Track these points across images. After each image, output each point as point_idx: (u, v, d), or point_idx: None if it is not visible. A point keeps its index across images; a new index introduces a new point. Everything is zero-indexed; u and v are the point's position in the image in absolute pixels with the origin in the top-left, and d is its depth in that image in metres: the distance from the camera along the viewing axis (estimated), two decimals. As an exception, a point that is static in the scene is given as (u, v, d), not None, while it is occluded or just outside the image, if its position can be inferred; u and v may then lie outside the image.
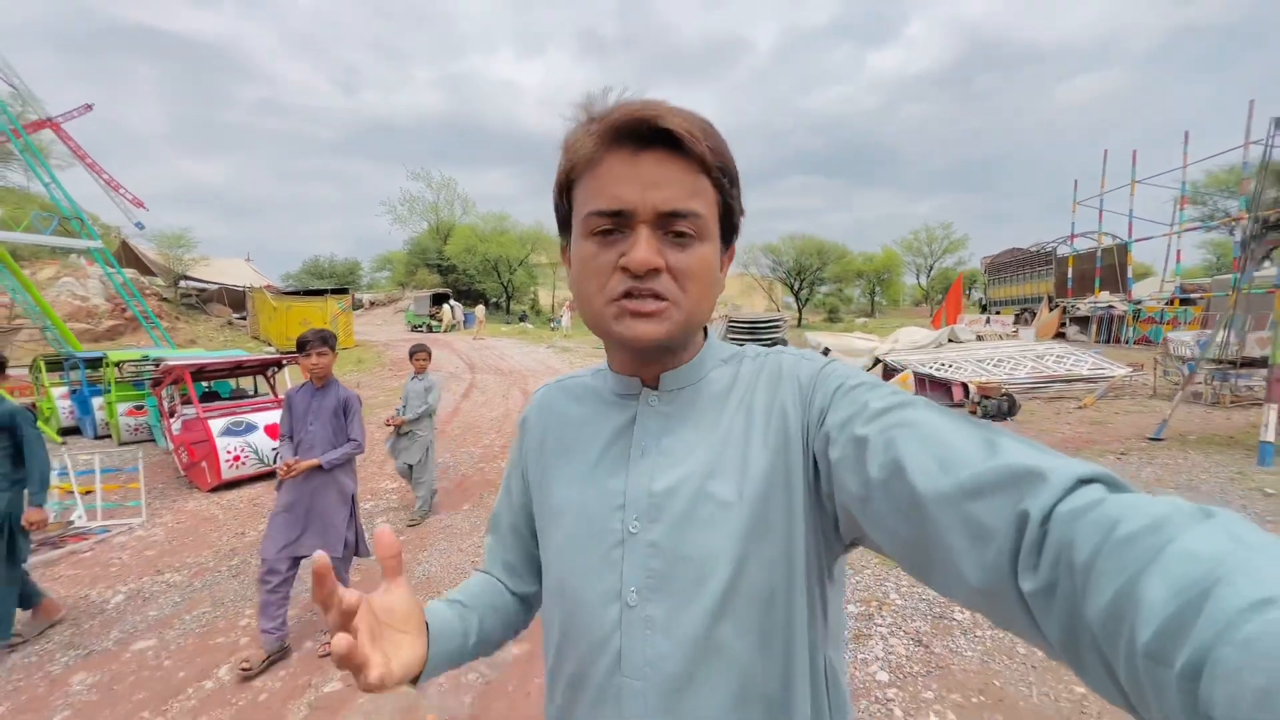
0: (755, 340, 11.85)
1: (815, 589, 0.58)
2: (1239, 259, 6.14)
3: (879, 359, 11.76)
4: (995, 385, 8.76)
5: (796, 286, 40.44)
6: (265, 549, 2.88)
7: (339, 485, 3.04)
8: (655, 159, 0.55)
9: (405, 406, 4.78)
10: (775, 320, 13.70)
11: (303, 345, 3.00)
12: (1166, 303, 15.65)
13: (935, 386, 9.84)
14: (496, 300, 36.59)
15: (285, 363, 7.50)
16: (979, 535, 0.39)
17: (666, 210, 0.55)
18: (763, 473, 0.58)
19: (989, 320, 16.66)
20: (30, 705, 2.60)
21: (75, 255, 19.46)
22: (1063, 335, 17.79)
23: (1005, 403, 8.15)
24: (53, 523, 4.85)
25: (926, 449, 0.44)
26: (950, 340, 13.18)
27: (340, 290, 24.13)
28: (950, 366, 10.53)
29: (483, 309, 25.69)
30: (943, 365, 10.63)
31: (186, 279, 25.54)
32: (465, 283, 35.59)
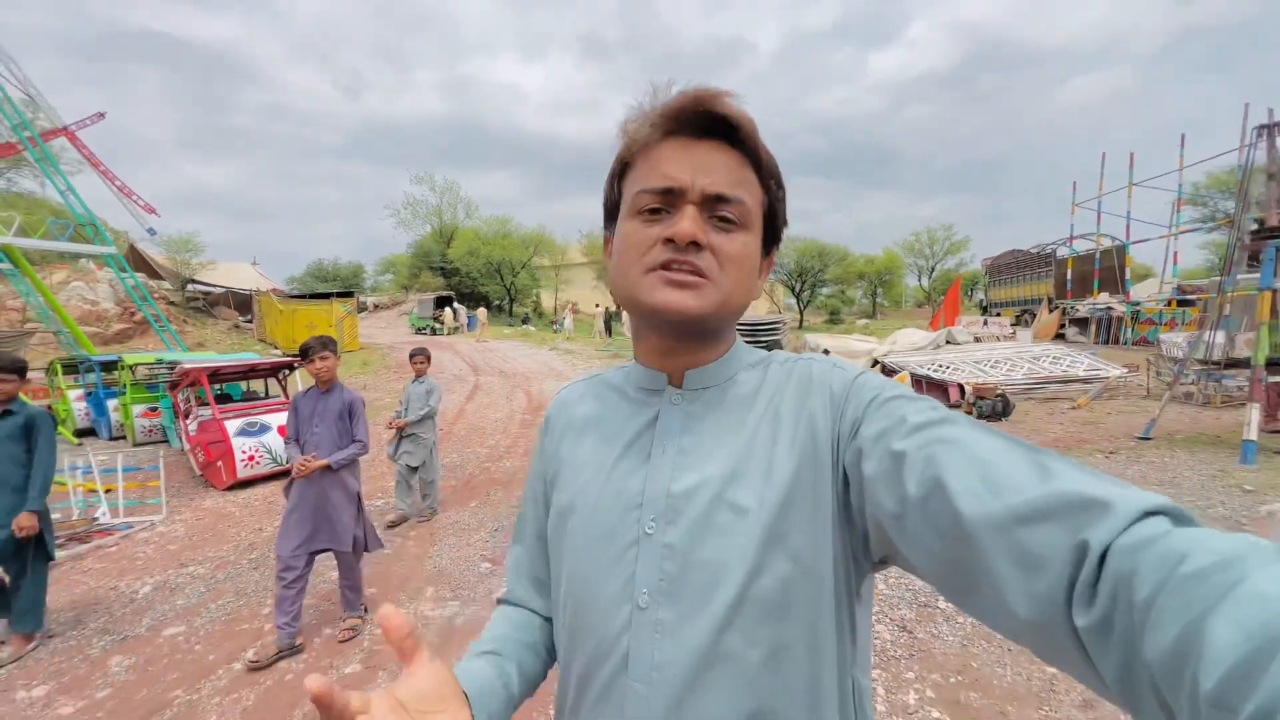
0: (754, 342, 12.05)
1: (843, 607, 0.56)
2: (1224, 262, 6.29)
3: (877, 360, 11.93)
4: (990, 386, 8.93)
5: (798, 288, 40.60)
6: (281, 547, 3.01)
7: (344, 485, 3.16)
8: (710, 147, 0.57)
9: (406, 409, 4.84)
10: (774, 323, 13.84)
11: (305, 351, 3.13)
12: (1164, 304, 15.80)
13: (932, 387, 10.00)
14: (499, 303, 36.83)
15: (297, 365, 7.72)
16: (1030, 564, 0.37)
17: (714, 193, 0.56)
18: (786, 482, 0.56)
19: (986, 322, 16.79)
20: (73, 685, 2.79)
21: (84, 260, 19.75)
22: (1062, 336, 17.92)
23: (999, 403, 8.32)
24: (77, 519, 5.07)
25: (971, 468, 0.43)
26: (948, 342, 13.33)
27: (345, 293, 24.40)
28: (948, 368, 10.68)
29: (484, 311, 25.89)
30: (940, 366, 10.78)
31: (194, 282, 25.84)
32: (468, 285, 35.82)
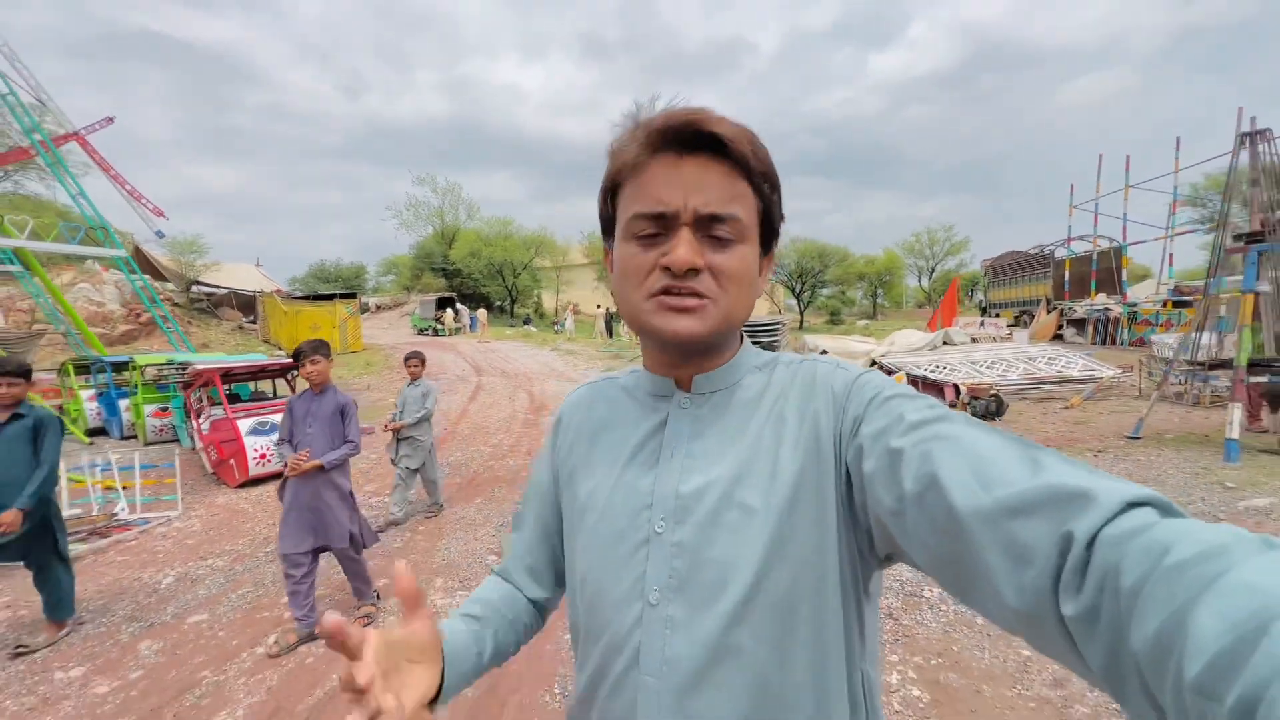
0: (754, 343, 12.20)
1: (850, 603, 0.57)
2: (1210, 265, 6.45)
3: (875, 361, 12.09)
4: (984, 386, 9.10)
5: (798, 289, 40.77)
6: (284, 546, 3.10)
7: (336, 485, 3.22)
8: (698, 163, 0.56)
9: (402, 412, 4.86)
10: (774, 324, 14.00)
11: (298, 355, 3.19)
12: (1161, 305, 15.94)
13: (928, 388, 10.17)
14: (501, 304, 37.04)
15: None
16: (1019, 556, 0.38)
17: (707, 213, 0.56)
18: (792, 481, 0.57)
19: (983, 323, 16.96)
20: (107, 666, 2.97)
21: (90, 262, 19.98)
22: (1060, 337, 18.06)
23: (993, 403, 8.48)
24: (97, 514, 5.24)
25: (965, 464, 0.44)
26: (945, 343, 13.50)
27: (349, 295, 24.61)
28: (944, 368, 10.84)
29: (484, 312, 26.07)
30: (937, 367, 10.94)
31: (198, 284, 26.06)
32: (470, 286, 36.05)
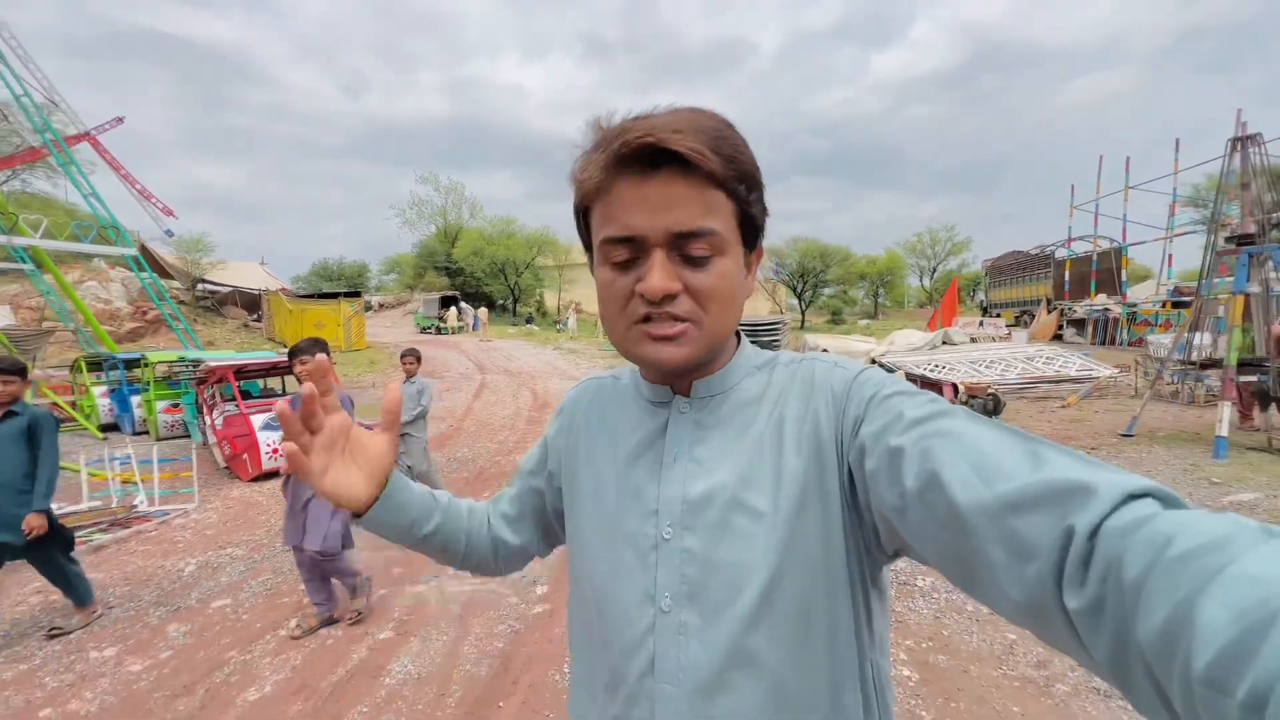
0: (755, 342, 12.33)
1: (859, 598, 0.58)
2: (1203, 267, 6.58)
3: (875, 360, 12.23)
4: (982, 385, 9.23)
5: (799, 289, 40.88)
6: (289, 539, 3.18)
7: None
8: (664, 180, 0.54)
9: None
10: (775, 323, 14.13)
11: (294, 353, 3.22)
12: (1160, 305, 16.05)
13: (927, 387, 10.26)
14: (503, 302, 37.21)
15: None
16: (1021, 551, 0.38)
17: (679, 232, 0.54)
18: (796, 483, 0.57)
19: (982, 323, 17.09)
20: (138, 647, 3.13)
21: (97, 260, 20.17)
22: (1060, 337, 18.18)
23: (990, 402, 8.59)
24: (117, 506, 5.41)
25: (965, 459, 0.44)
26: (944, 342, 13.63)
27: (353, 293, 24.76)
28: (943, 368, 10.97)
29: (485, 311, 26.22)
30: (936, 366, 11.07)
31: (203, 282, 26.26)
32: (472, 285, 36.22)
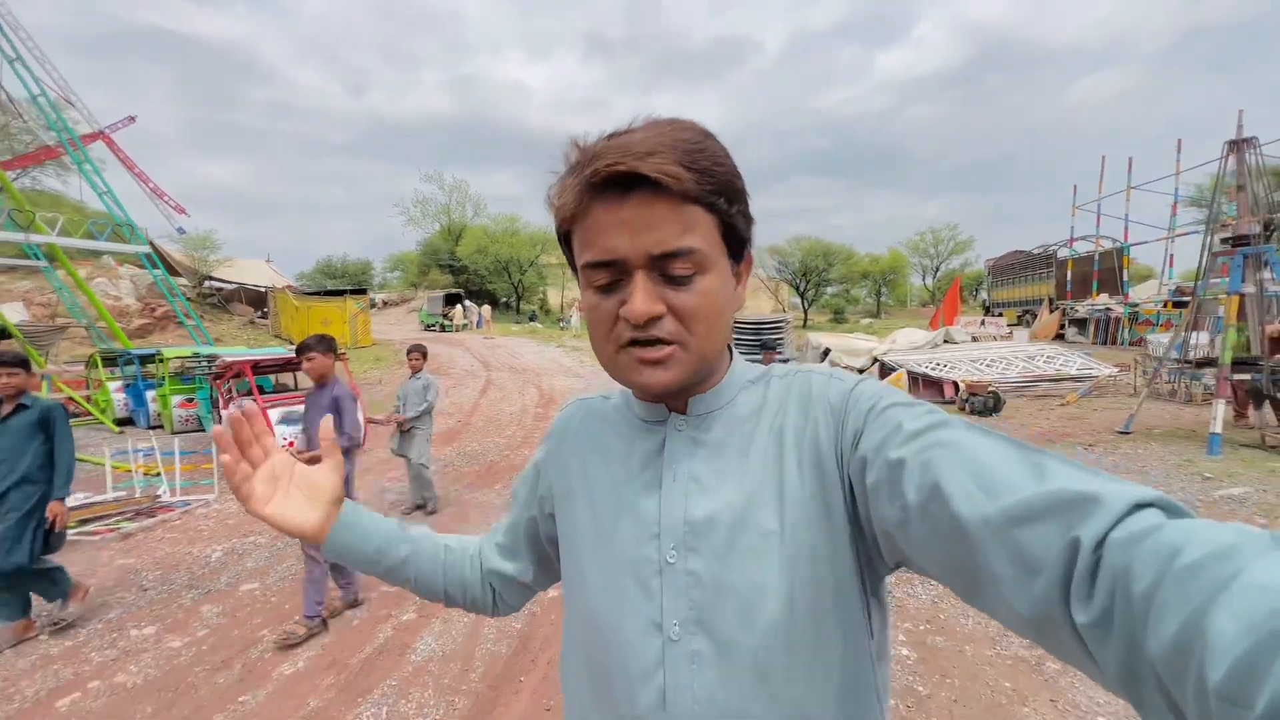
0: (758, 341, 12.48)
1: (864, 612, 0.57)
2: (1198, 268, 6.71)
3: (877, 359, 12.36)
4: (983, 383, 9.37)
5: (802, 287, 41.01)
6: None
7: None
8: (639, 202, 0.53)
9: (404, 405, 4.95)
10: (779, 321, 14.23)
11: (300, 350, 3.33)
12: (1161, 305, 16.15)
13: (928, 384, 10.43)
14: (506, 300, 37.41)
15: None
16: (1027, 564, 0.38)
17: (658, 253, 0.54)
18: (800, 499, 0.56)
19: (983, 322, 17.22)
20: (175, 626, 3.29)
21: (106, 256, 20.41)
22: (1062, 337, 18.30)
23: (990, 399, 8.74)
24: (140, 496, 5.58)
25: (967, 471, 0.43)
26: (946, 341, 13.75)
27: (359, 290, 24.96)
28: (945, 366, 11.10)
29: (488, 309, 26.39)
30: (938, 365, 11.20)
31: (211, 279, 26.49)
32: (476, 283, 36.43)
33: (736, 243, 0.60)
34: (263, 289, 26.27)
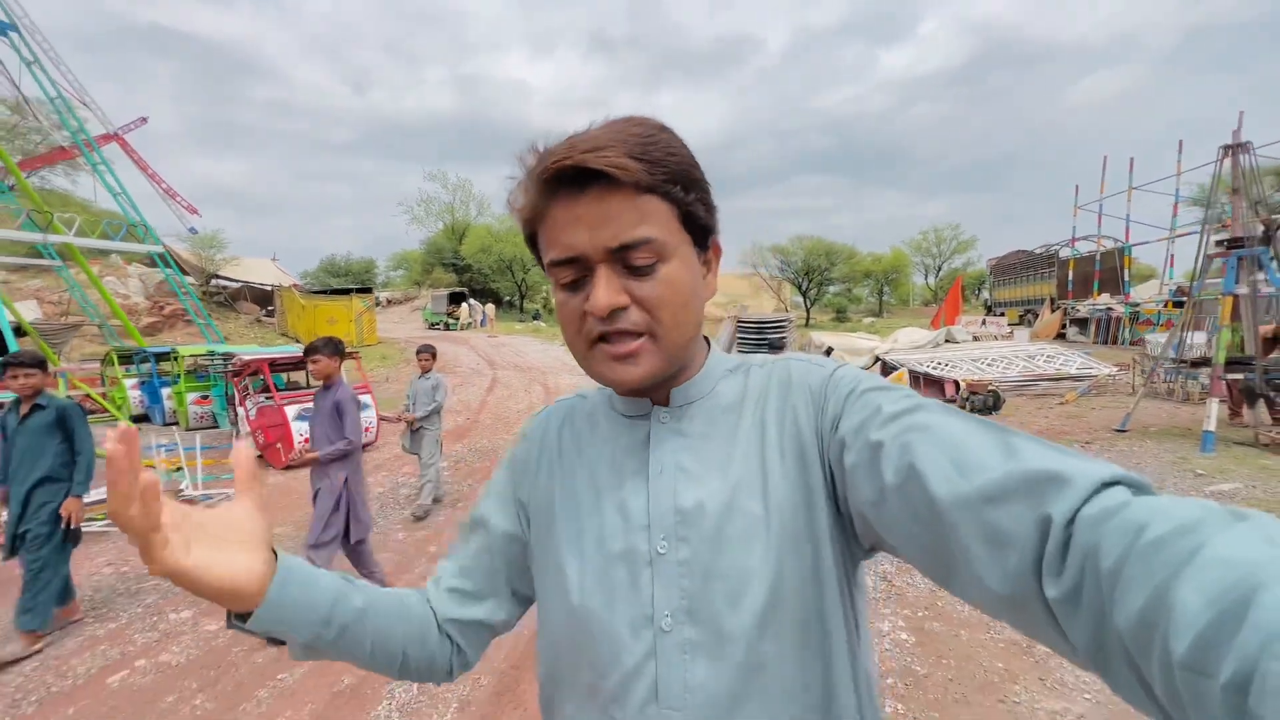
0: (762, 339, 12.64)
1: (846, 597, 0.58)
2: (1194, 269, 6.85)
3: (879, 358, 12.50)
4: (983, 382, 9.52)
5: (804, 286, 41.14)
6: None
7: (329, 480, 3.32)
8: (593, 198, 0.54)
9: (414, 404, 5.02)
10: (782, 320, 14.37)
11: (308, 352, 3.37)
12: (1162, 305, 16.27)
13: (930, 383, 10.58)
14: (510, 299, 37.62)
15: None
16: (999, 542, 0.39)
17: (617, 245, 0.54)
18: (784, 484, 0.57)
19: (985, 321, 17.36)
20: (210, 610, 3.46)
21: (114, 256, 20.64)
22: (1063, 336, 18.42)
23: (990, 398, 8.89)
24: (164, 490, 5.76)
25: (942, 453, 0.44)
26: (947, 340, 13.88)
27: (364, 289, 25.21)
28: (946, 365, 11.24)
29: (492, 307, 26.58)
30: (939, 364, 11.33)
31: (217, 278, 26.74)
32: (480, 281, 36.65)
33: (699, 230, 0.60)
34: (268, 288, 26.51)
